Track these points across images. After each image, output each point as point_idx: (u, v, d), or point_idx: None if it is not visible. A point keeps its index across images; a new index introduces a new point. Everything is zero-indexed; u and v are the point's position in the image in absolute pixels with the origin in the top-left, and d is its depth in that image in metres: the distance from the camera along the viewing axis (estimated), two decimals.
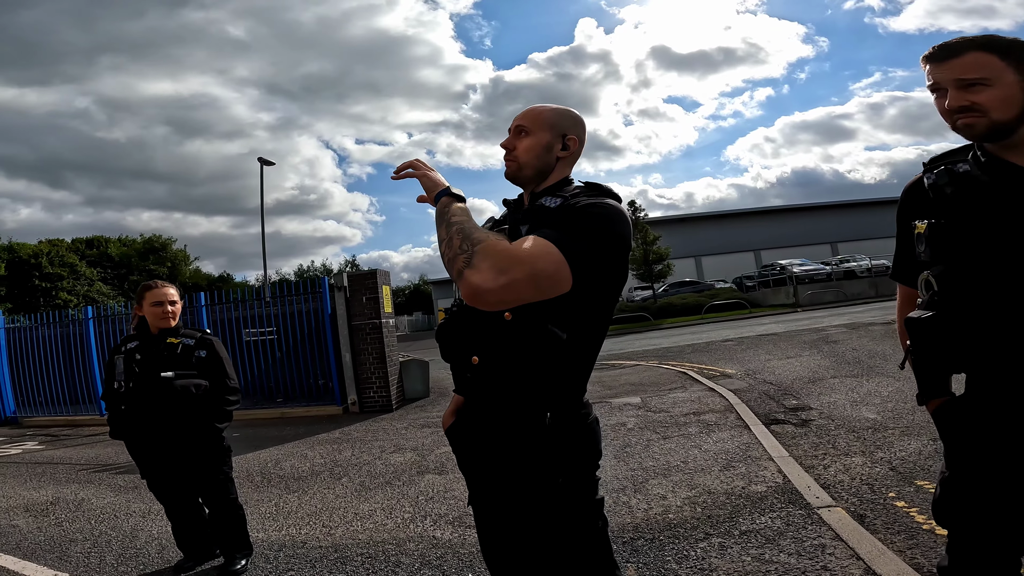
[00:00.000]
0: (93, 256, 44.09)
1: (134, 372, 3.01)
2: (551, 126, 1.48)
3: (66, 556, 3.47)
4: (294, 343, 9.02)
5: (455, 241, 1.23)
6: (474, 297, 1.17)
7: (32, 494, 5.13)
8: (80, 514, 4.37)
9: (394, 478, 4.69)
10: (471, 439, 1.49)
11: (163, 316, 3.05)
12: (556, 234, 1.23)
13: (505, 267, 1.16)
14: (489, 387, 1.41)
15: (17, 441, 8.50)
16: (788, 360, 8.69)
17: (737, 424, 5.27)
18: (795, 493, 3.40)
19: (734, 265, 36.87)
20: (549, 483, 1.36)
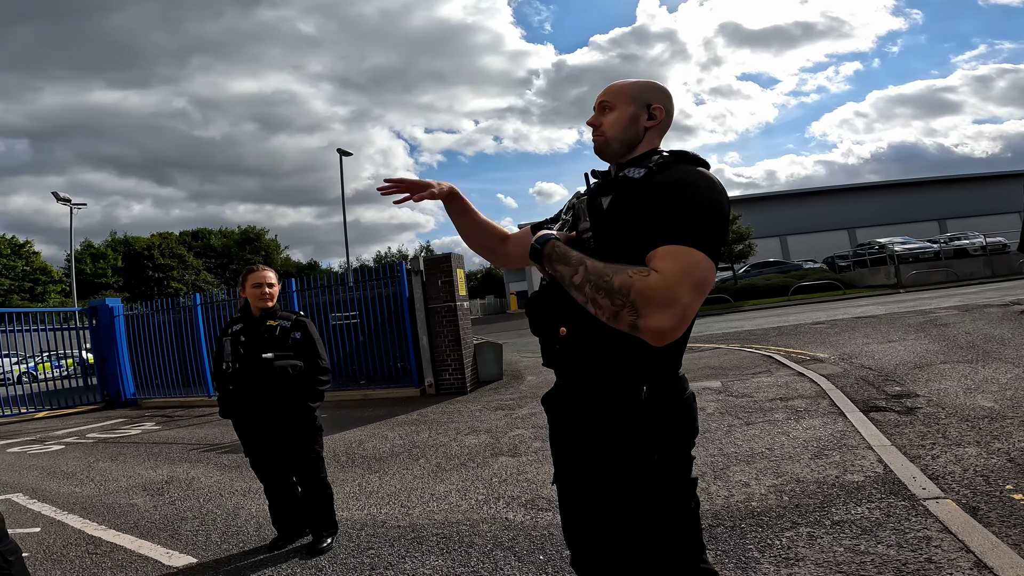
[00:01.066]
0: (198, 247, 48.10)
1: (239, 353, 3.20)
2: (633, 98, 1.45)
3: (177, 534, 3.70)
4: (375, 326, 9.34)
5: (601, 300, 1.18)
6: (662, 340, 1.14)
7: (149, 473, 5.56)
8: (191, 493, 4.69)
9: (468, 460, 4.75)
10: (563, 412, 1.46)
11: (261, 297, 3.23)
12: (677, 231, 1.18)
13: (669, 300, 1.12)
14: (577, 359, 1.37)
15: (137, 422, 9.29)
16: (890, 344, 8.00)
17: (830, 411, 4.90)
18: (898, 483, 3.12)
19: (825, 244, 34.59)
20: (644, 459, 1.31)
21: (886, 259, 22.84)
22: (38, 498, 4.83)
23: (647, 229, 1.23)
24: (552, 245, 1.31)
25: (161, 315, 11.55)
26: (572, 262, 1.25)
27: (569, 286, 1.25)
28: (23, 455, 7.05)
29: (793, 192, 41.17)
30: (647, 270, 1.16)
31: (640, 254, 1.22)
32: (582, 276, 1.22)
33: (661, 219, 1.22)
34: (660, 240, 1.20)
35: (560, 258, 1.28)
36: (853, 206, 37.74)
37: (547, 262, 1.30)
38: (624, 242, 1.28)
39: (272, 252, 52.57)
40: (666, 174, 1.28)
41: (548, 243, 1.32)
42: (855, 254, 26.41)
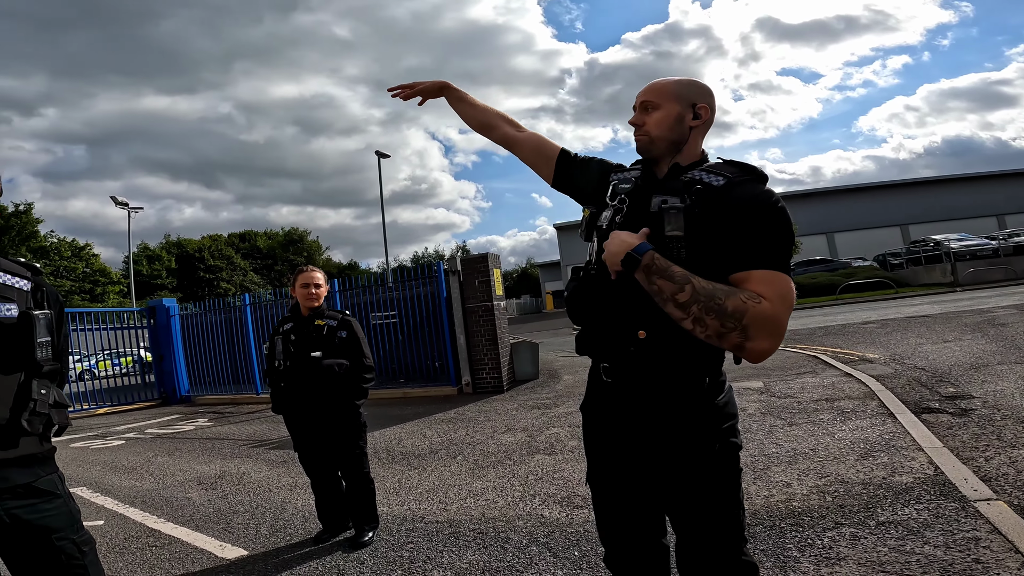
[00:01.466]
0: (245, 248, 49.86)
1: (290, 352, 3.33)
2: (678, 97, 1.46)
3: (229, 527, 3.85)
4: (413, 326, 9.49)
5: (709, 321, 1.23)
6: (761, 359, 1.26)
7: (203, 468, 5.78)
8: (241, 487, 4.86)
9: (505, 457, 4.79)
10: (629, 414, 1.46)
11: (309, 297, 3.35)
12: (773, 256, 1.28)
13: (777, 328, 1.23)
14: (655, 361, 1.39)
15: (191, 418, 9.67)
16: (945, 344, 7.65)
17: (879, 412, 4.74)
18: (948, 485, 3.01)
19: (875, 241, 33.21)
20: (712, 448, 1.39)
21: (942, 256, 21.77)
22: (101, 492, 5.09)
23: (739, 248, 1.30)
24: (652, 256, 1.29)
25: (212, 315, 11.98)
26: (676, 279, 1.26)
27: (667, 301, 1.27)
28: (86, 450, 7.43)
29: (841, 188, 39.59)
30: (755, 296, 1.24)
31: (725, 268, 1.30)
32: (689, 295, 1.24)
33: (756, 242, 1.29)
34: (756, 263, 1.28)
35: (661, 272, 1.28)
36: (906, 202, 36.10)
37: (644, 273, 1.29)
38: (710, 253, 1.32)
39: (314, 253, 53.99)
40: (748, 190, 1.33)
41: (647, 254, 1.29)
42: (908, 251, 25.27)
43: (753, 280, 1.26)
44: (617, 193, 1.51)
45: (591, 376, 1.58)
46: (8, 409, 1.48)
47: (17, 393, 1.51)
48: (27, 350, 1.53)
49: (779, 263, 1.27)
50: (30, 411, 1.51)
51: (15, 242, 35.14)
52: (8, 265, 1.61)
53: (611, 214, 1.48)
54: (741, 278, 1.27)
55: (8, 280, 1.58)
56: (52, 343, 1.60)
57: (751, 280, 1.26)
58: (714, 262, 1.29)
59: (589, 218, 1.56)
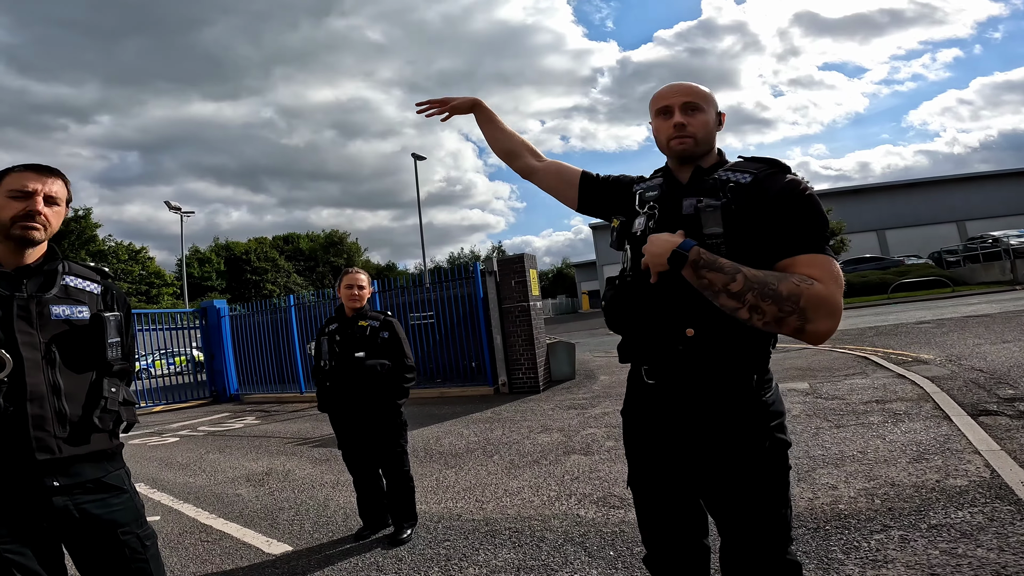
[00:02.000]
0: (289, 251, 51.30)
1: (335, 352, 3.43)
2: (712, 103, 1.52)
3: (276, 523, 3.95)
4: (450, 326, 9.58)
5: (766, 307, 1.24)
6: (822, 341, 1.27)
7: (252, 465, 5.95)
8: (287, 484, 4.99)
9: (541, 457, 4.79)
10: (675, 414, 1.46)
11: (351, 298, 3.45)
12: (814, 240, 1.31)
13: (834, 307, 1.24)
14: (705, 359, 1.40)
15: (239, 416, 9.96)
16: (1005, 345, 7.25)
17: (934, 414, 4.53)
18: (1004, 488, 2.87)
19: (929, 238, 31.73)
20: (762, 445, 1.39)
21: (1000, 254, 20.62)
22: (157, 487, 5.30)
23: (781, 236, 1.32)
24: (697, 252, 1.29)
25: (259, 316, 12.34)
26: (726, 270, 1.27)
27: (720, 293, 1.28)
28: (143, 447, 7.76)
29: (892, 184, 37.93)
30: (807, 279, 1.25)
31: (769, 259, 1.32)
32: (742, 284, 1.25)
33: (795, 229, 1.32)
34: (799, 248, 1.30)
35: (709, 265, 1.29)
36: (962, 197, 34.37)
37: (692, 269, 1.29)
38: (750, 247, 1.33)
39: (354, 255, 55.01)
40: (778, 182, 1.36)
41: (693, 249, 1.30)
42: (966, 248, 24.04)
43: (800, 264, 1.27)
44: (646, 200, 1.53)
45: (631, 379, 1.58)
46: (81, 407, 1.54)
47: (89, 391, 1.58)
48: (99, 350, 1.60)
49: (820, 246, 1.29)
50: (101, 408, 1.57)
51: (75, 246, 37.02)
52: (79, 269, 1.69)
53: (644, 220, 1.49)
54: (787, 264, 1.29)
55: (80, 284, 1.65)
56: (121, 343, 1.67)
57: (798, 264, 1.27)
58: (756, 255, 1.30)
59: (620, 227, 1.58)
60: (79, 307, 1.61)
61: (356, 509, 3.61)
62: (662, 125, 1.51)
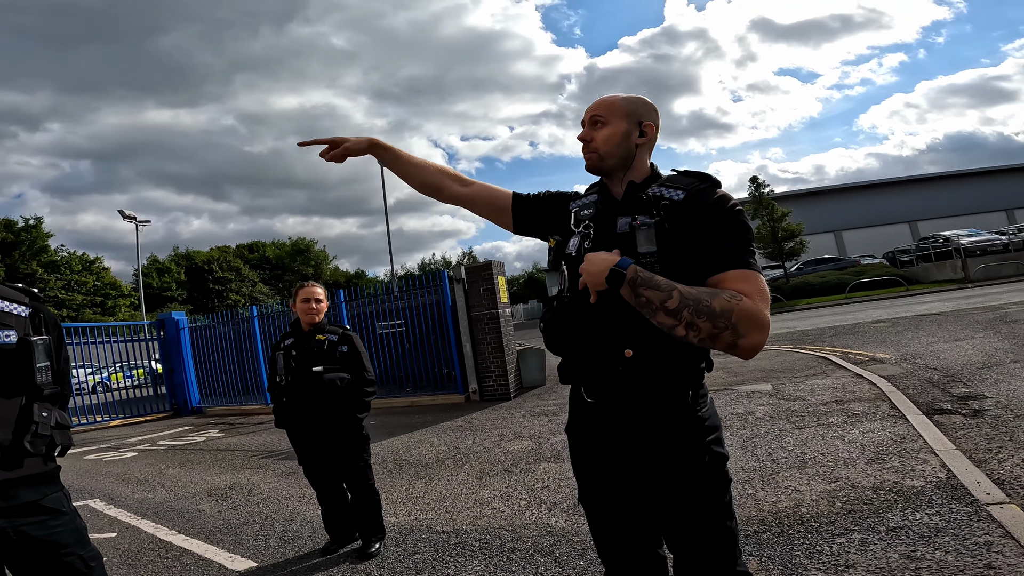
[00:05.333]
0: (254, 259, 50.16)
1: (291, 367, 3.36)
2: (627, 114, 1.49)
3: (239, 539, 3.85)
4: (420, 334, 9.51)
5: (701, 324, 1.25)
6: (753, 355, 1.28)
7: (214, 479, 5.79)
8: (251, 498, 4.87)
9: (512, 466, 4.78)
10: (615, 432, 1.45)
11: (309, 312, 3.38)
12: (742, 256, 1.34)
13: (763, 321, 1.26)
14: (643, 378, 1.40)
15: (202, 429, 9.71)
16: (957, 343, 7.56)
17: (890, 414, 4.68)
18: (961, 488, 2.97)
19: (884, 238, 32.94)
20: (701, 461, 1.40)
21: (951, 253, 21.56)
22: (114, 504, 5.11)
23: (711, 253, 1.33)
24: (635, 270, 1.29)
25: (222, 327, 12.07)
26: (662, 287, 1.27)
27: (657, 311, 1.27)
28: (100, 462, 7.49)
29: (847, 186, 39.29)
30: (737, 295, 1.26)
31: (699, 275, 1.33)
32: (678, 301, 1.25)
33: (724, 245, 1.34)
34: (728, 264, 1.32)
35: (646, 283, 1.28)
36: (913, 198, 35.84)
37: (631, 287, 1.29)
38: (682, 264, 1.34)
39: (321, 263, 54.17)
40: (708, 198, 1.38)
41: (630, 267, 1.30)
42: (918, 248, 25.04)
43: (729, 280, 1.30)
44: (580, 219, 1.52)
45: (573, 397, 1.57)
46: (11, 432, 1.54)
47: (19, 416, 1.56)
48: (27, 375, 1.59)
49: (747, 261, 1.32)
50: (32, 433, 1.57)
51: (25, 257, 35.50)
52: (6, 292, 1.65)
53: (579, 240, 1.49)
54: (717, 280, 1.31)
55: (6, 307, 1.62)
56: (52, 367, 1.65)
57: (727, 280, 1.30)
58: (688, 272, 1.32)
59: (556, 248, 1.56)
60: (5, 331, 1.58)
61: (323, 523, 3.54)
62: None
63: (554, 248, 1.58)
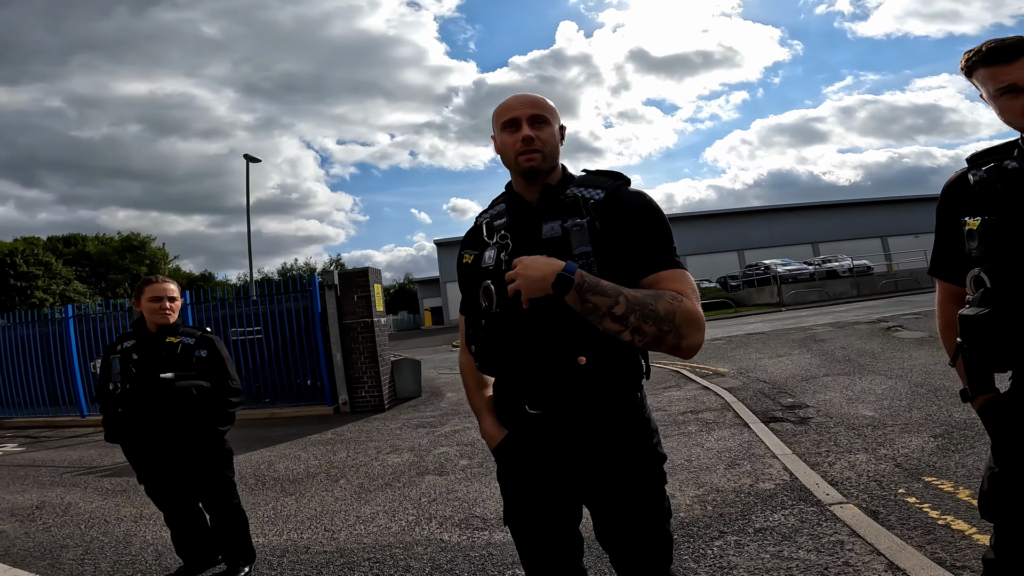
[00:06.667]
0: (70, 254, 42.98)
1: (131, 373, 2.89)
2: (556, 116, 1.48)
3: (58, 563, 3.35)
4: (282, 343, 8.85)
5: (647, 328, 1.23)
6: (693, 354, 1.29)
7: (16, 498, 4.98)
8: (68, 519, 4.24)
9: (393, 479, 4.61)
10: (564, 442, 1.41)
11: (160, 311, 2.92)
12: (671, 255, 1.35)
13: (701, 321, 1.27)
14: (595, 385, 1.37)
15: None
16: (779, 359, 8.76)
17: (736, 422, 5.28)
18: (804, 490, 3.40)
19: (718, 265, 37.26)
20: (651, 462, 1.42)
21: (770, 279, 25.06)
22: None
23: (641, 253, 1.34)
24: (582, 275, 1.24)
25: (25, 328, 10.37)
26: (609, 292, 1.23)
27: (604, 316, 1.23)
28: None
29: (690, 215, 44.17)
30: (678, 296, 1.27)
31: (633, 276, 1.32)
32: (624, 306, 1.22)
33: (653, 244, 1.34)
34: (661, 264, 1.33)
35: (593, 288, 1.23)
36: (741, 229, 41.10)
37: (577, 292, 1.23)
38: (615, 264, 1.32)
39: (159, 261, 47.98)
40: (626, 197, 1.39)
41: (577, 272, 1.24)
42: (744, 275, 28.73)
43: (664, 281, 1.30)
44: (494, 229, 1.46)
45: (506, 413, 1.50)
46: None
47: None
48: None
49: (676, 261, 1.35)
50: None
51: None
52: None
53: (495, 252, 1.42)
54: (652, 281, 1.31)
55: None
56: None
57: (662, 281, 1.30)
58: (619, 273, 1.29)
59: (472, 263, 1.50)
60: None
61: (171, 546, 3.13)
62: (508, 139, 1.42)
63: (470, 264, 1.50)
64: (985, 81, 1.38)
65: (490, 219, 1.50)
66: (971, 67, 1.41)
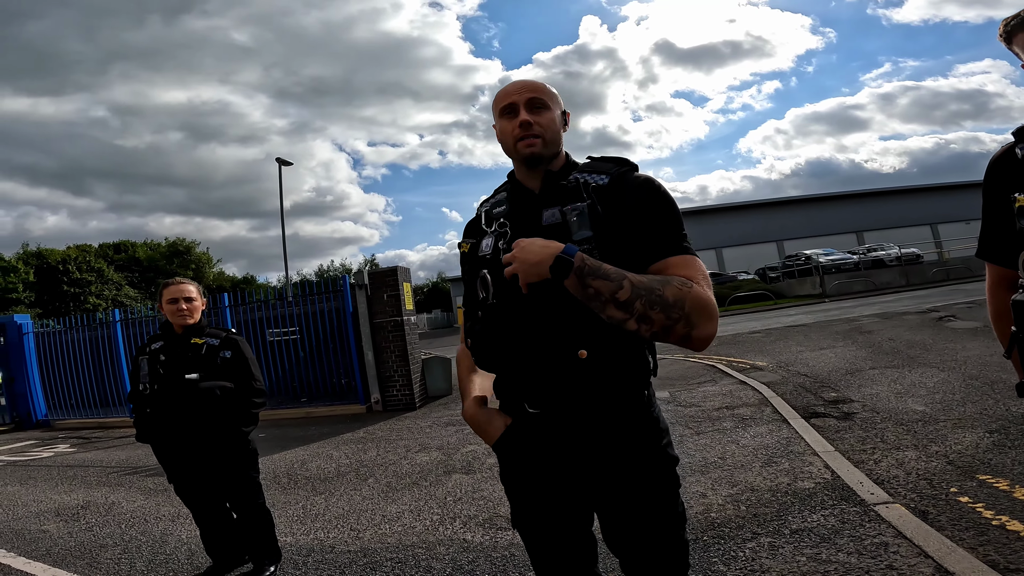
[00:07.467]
0: (121, 260, 44.99)
1: (159, 374, 2.93)
2: (557, 101, 1.43)
3: (96, 562, 3.43)
4: (316, 342, 9.00)
5: (654, 315, 1.15)
6: (705, 346, 1.20)
7: (63, 498, 5.15)
8: (111, 518, 4.36)
9: (421, 478, 4.59)
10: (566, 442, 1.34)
11: (178, 313, 2.95)
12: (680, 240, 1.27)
13: (713, 309, 1.19)
14: (597, 381, 1.28)
15: (49, 444, 8.61)
16: (821, 351, 8.41)
17: (774, 418, 5.06)
18: (847, 489, 3.22)
19: (756, 256, 36.30)
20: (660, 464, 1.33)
21: (811, 270, 24.21)
22: None
23: (648, 238, 1.26)
24: (582, 258, 1.16)
25: (76, 332, 10.80)
26: (612, 276, 1.15)
27: (607, 303, 1.15)
28: None
29: (726, 206, 43.04)
30: (687, 282, 1.18)
31: (641, 262, 1.24)
32: (629, 291, 1.14)
33: (661, 229, 1.27)
34: (669, 250, 1.25)
35: (595, 272, 1.15)
36: (779, 219, 39.88)
37: (577, 277, 1.15)
38: (619, 250, 1.25)
39: (203, 266, 49.75)
40: (632, 181, 1.32)
41: (577, 255, 1.16)
42: (784, 265, 27.86)
43: (672, 267, 1.22)
44: (493, 218, 1.41)
45: (507, 411, 1.43)
46: None
47: None
48: None
49: (685, 246, 1.26)
50: None
51: None
52: None
53: (492, 240, 1.37)
54: (660, 268, 1.23)
55: None
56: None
57: (670, 267, 1.22)
58: (624, 260, 1.22)
59: (469, 252, 1.44)
60: None
61: (202, 545, 3.17)
62: (507, 125, 1.37)
63: (467, 253, 1.44)
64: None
65: (490, 207, 1.45)
66: (1011, 32, 1.27)
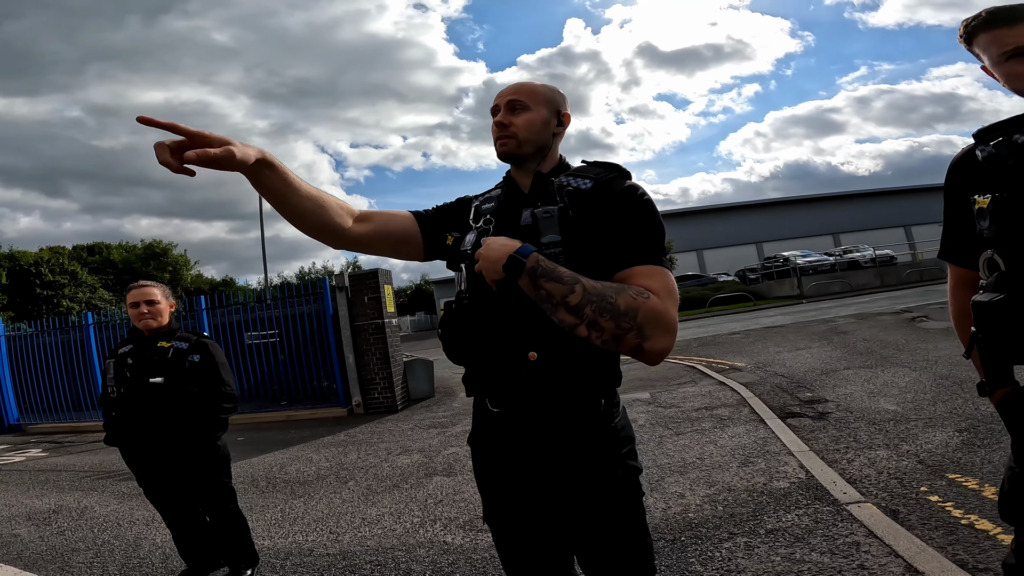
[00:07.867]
0: (95, 263, 43.96)
1: (125, 377, 2.89)
2: (547, 101, 1.43)
3: (68, 566, 3.38)
4: (296, 345, 8.91)
5: (604, 323, 1.14)
6: (659, 360, 1.20)
7: (35, 502, 5.06)
8: (83, 522, 4.30)
9: (401, 481, 4.58)
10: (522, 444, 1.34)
11: (141, 316, 2.88)
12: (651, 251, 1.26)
13: (670, 323, 1.17)
14: (548, 385, 1.29)
15: (21, 448, 8.43)
16: (798, 352, 8.56)
17: (751, 418, 5.14)
18: (820, 489, 3.28)
19: (737, 258, 36.78)
20: (614, 476, 1.31)
21: (790, 271, 24.59)
22: None
23: (617, 246, 1.25)
24: (536, 259, 1.17)
25: (49, 335, 10.58)
26: (565, 280, 1.15)
27: (558, 306, 1.16)
28: None
29: (706, 208, 43.57)
30: (644, 291, 1.17)
31: (605, 270, 1.24)
32: (580, 296, 1.14)
33: (633, 238, 1.26)
34: (635, 259, 1.24)
35: (547, 274, 1.16)
36: (759, 221, 40.47)
37: (530, 277, 1.16)
38: (588, 256, 1.25)
39: (181, 268, 48.80)
40: (616, 187, 1.32)
41: (532, 255, 1.17)
42: (763, 267, 28.24)
43: (636, 276, 1.22)
44: (481, 214, 1.43)
45: (476, 406, 1.46)
46: None
47: None
48: None
49: (657, 257, 1.25)
50: None
51: None
52: None
53: (475, 236, 1.38)
54: (624, 276, 1.23)
55: None
56: None
57: (634, 276, 1.22)
58: (594, 266, 1.23)
59: (453, 245, 1.45)
60: None
61: (176, 548, 3.13)
62: (493, 125, 1.41)
63: (451, 246, 1.46)
64: (988, 46, 1.27)
65: (481, 203, 1.46)
66: (971, 33, 1.30)
